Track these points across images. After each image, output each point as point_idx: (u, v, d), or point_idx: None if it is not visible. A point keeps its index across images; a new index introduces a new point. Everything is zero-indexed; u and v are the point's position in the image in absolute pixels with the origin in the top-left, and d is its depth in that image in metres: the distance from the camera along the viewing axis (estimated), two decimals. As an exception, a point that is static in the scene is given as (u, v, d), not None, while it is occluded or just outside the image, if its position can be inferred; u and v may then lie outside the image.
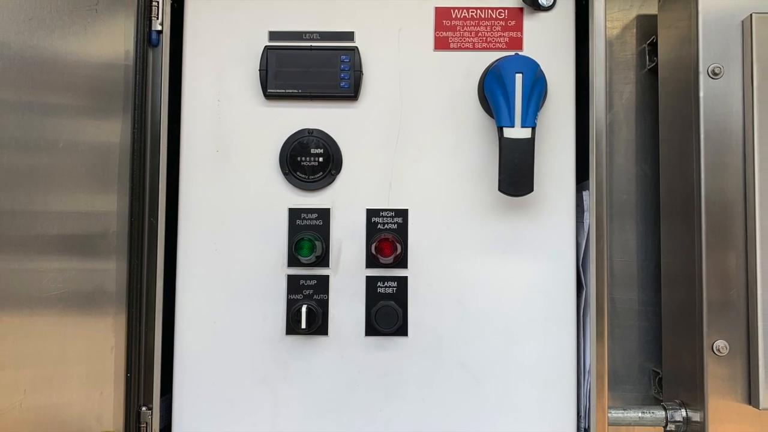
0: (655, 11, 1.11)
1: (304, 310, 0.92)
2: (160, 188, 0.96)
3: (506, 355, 0.95)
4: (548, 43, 0.96)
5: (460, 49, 0.97)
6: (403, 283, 0.95)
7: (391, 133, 0.96)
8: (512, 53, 0.93)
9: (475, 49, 0.96)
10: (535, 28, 0.97)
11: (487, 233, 0.96)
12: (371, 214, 0.96)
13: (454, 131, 0.96)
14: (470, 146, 0.96)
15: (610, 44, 1.16)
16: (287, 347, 0.95)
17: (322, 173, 0.95)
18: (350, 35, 0.96)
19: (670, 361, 1.06)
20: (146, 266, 0.96)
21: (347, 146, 0.96)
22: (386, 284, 0.95)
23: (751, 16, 0.92)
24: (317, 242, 0.94)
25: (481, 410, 0.95)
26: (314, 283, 0.95)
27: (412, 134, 0.96)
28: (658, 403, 1.06)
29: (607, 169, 0.94)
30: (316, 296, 0.95)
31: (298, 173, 0.95)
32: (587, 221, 0.95)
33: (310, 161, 0.95)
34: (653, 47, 1.13)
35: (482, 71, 0.95)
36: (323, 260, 0.95)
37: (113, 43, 0.93)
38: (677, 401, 1.01)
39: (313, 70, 0.95)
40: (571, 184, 0.96)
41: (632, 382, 1.14)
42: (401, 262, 0.95)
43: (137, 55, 0.96)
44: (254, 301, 0.95)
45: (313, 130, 0.96)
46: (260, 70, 0.95)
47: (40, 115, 0.82)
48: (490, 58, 0.95)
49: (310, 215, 0.96)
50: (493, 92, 0.90)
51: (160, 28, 0.97)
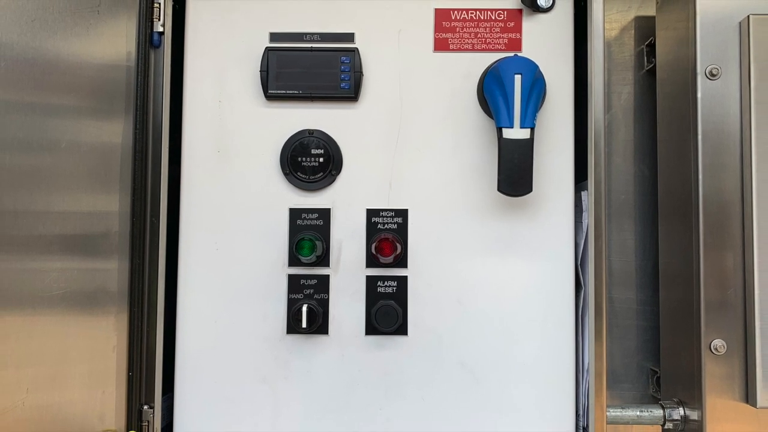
0: (653, 13, 1.12)
1: (304, 309, 0.93)
2: (161, 188, 0.96)
3: (505, 354, 0.95)
4: (547, 44, 0.97)
5: (459, 50, 0.97)
6: (403, 282, 0.96)
7: (391, 133, 0.97)
8: (511, 54, 0.93)
9: (474, 50, 0.97)
10: (534, 29, 0.97)
11: (486, 233, 0.96)
12: (371, 214, 0.96)
13: (453, 132, 0.96)
14: (470, 147, 0.96)
15: (608, 45, 1.16)
16: (288, 346, 0.96)
17: (322, 173, 0.96)
18: (350, 36, 0.97)
19: (668, 360, 1.07)
20: (148, 266, 0.96)
21: (347, 147, 0.96)
22: (386, 284, 0.95)
23: (748, 17, 0.92)
24: (318, 242, 0.94)
25: (480, 409, 0.95)
26: (315, 282, 0.95)
27: (412, 135, 0.97)
28: (656, 401, 1.06)
29: (605, 169, 0.94)
30: (316, 296, 0.95)
31: (298, 173, 0.96)
32: (586, 221, 0.96)
33: (310, 161, 0.96)
34: (651, 48, 1.13)
35: (481, 72, 0.95)
36: (324, 260, 0.95)
37: (115, 44, 0.93)
38: (675, 400, 1.01)
39: (313, 71, 0.95)
40: (569, 184, 0.96)
41: (630, 381, 1.14)
42: (401, 261, 0.95)
43: (139, 56, 0.96)
44: (255, 300, 0.96)
45: (313, 130, 0.96)
46: (261, 71, 0.95)
47: (42, 115, 0.82)
48: (489, 59, 0.95)
49: (310, 215, 0.96)
50: (492, 93, 0.90)
51: (161, 29, 0.97)
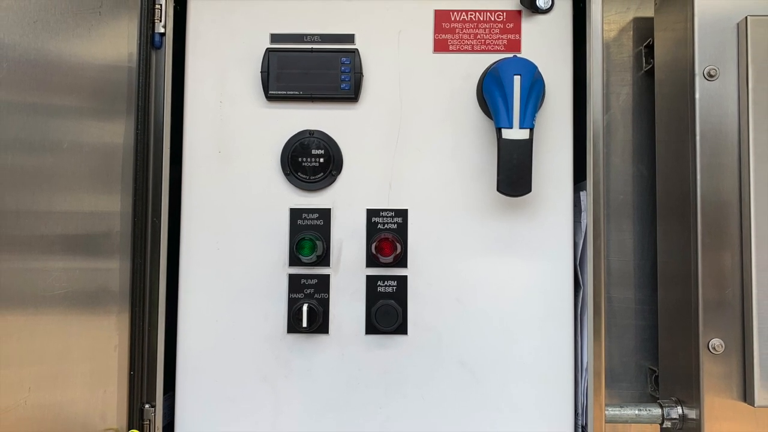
0: (651, 14, 1.12)
1: (305, 308, 0.93)
2: (163, 189, 0.96)
3: (505, 353, 0.95)
4: (546, 45, 0.97)
5: (459, 51, 0.97)
6: (402, 282, 0.96)
7: (391, 134, 0.97)
8: (510, 55, 0.93)
9: (473, 51, 0.97)
10: (533, 30, 0.97)
11: (485, 233, 0.96)
12: (371, 214, 0.96)
13: (453, 132, 0.97)
14: (469, 147, 0.97)
15: (607, 46, 1.16)
16: (288, 346, 0.96)
17: (322, 174, 0.96)
18: (351, 38, 0.97)
19: (666, 359, 1.07)
20: (149, 266, 0.96)
21: (348, 147, 0.97)
22: (386, 283, 0.96)
23: (746, 18, 0.93)
24: (318, 242, 0.94)
25: (479, 408, 0.95)
26: (315, 282, 0.96)
27: (411, 135, 0.97)
28: (654, 400, 1.06)
29: (604, 169, 0.94)
30: (317, 295, 0.96)
31: (299, 174, 0.96)
32: (584, 221, 0.96)
33: (311, 162, 0.96)
34: (650, 49, 1.13)
35: (481, 73, 0.95)
36: (324, 260, 0.96)
37: (117, 45, 0.93)
38: (673, 399, 1.02)
39: (314, 71, 0.96)
40: (568, 184, 0.96)
41: (629, 379, 1.15)
42: (401, 261, 0.95)
43: (140, 57, 0.95)
44: (256, 300, 0.96)
45: (314, 131, 0.97)
46: (262, 72, 0.96)
47: (44, 116, 0.81)
48: (488, 60, 0.95)
49: (311, 215, 0.96)
50: (491, 94, 0.90)
51: (163, 30, 0.97)
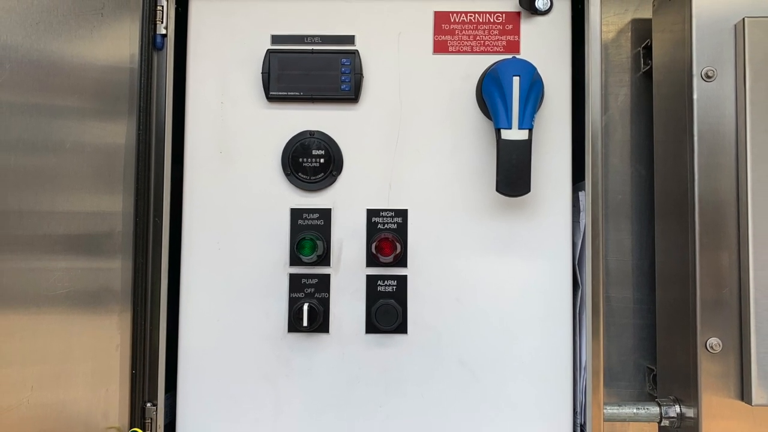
0: (649, 15, 1.12)
1: (305, 308, 0.93)
2: (164, 189, 0.96)
3: (504, 352, 0.96)
4: (545, 46, 0.97)
5: (458, 52, 0.97)
6: (402, 281, 0.96)
7: (391, 134, 0.97)
8: (510, 56, 0.94)
9: (473, 52, 0.97)
10: (532, 31, 0.97)
11: (485, 233, 0.96)
12: (371, 214, 0.97)
13: (452, 133, 0.97)
14: (468, 147, 0.97)
15: (605, 48, 1.16)
16: (289, 345, 0.96)
17: (323, 174, 0.96)
18: (351, 39, 0.97)
19: (664, 358, 1.07)
20: (151, 265, 0.96)
21: (348, 148, 0.97)
22: (386, 283, 0.96)
23: (743, 20, 0.93)
24: (318, 242, 0.94)
25: (479, 406, 0.95)
26: (316, 281, 0.96)
27: (411, 136, 0.97)
28: (652, 399, 1.06)
29: (602, 169, 0.95)
30: (317, 295, 0.96)
31: (299, 174, 0.96)
32: (583, 221, 0.96)
33: (311, 162, 0.96)
34: (648, 51, 1.13)
35: (480, 74, 0.96)
36: (324, 259, 0.96)
37: (119, 46, 0.93)
38: (671, 397, 1.02)
39: (314, 73, 0.96)
40: (567, 184, 0.97)
41: (627, 378, 1.15)
42: (401, 261, 0.96)
43: (142, 58, 0.96)
44: (257, 299, 0.96)
45: (314, 131, 0.97)
46: (263, 73, 0.96)
47: (47, 117, 0.82)
48: (488, 61, 0.96)
49: (311, 215, 0.96)
50: (491, 95, 0.90)
51: (164, 32, 0.98)
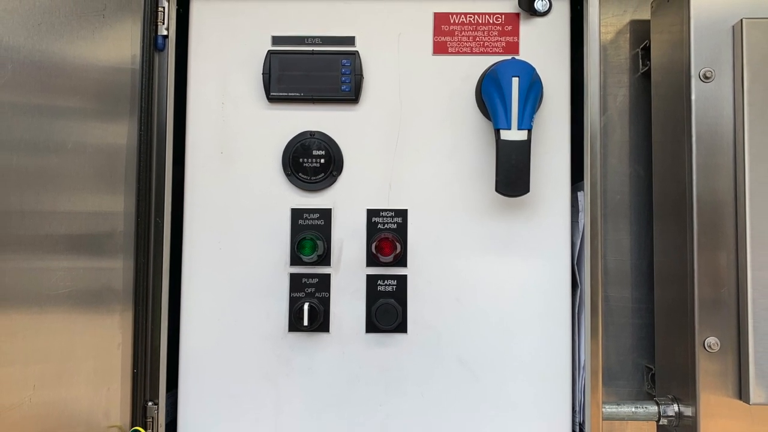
0: (648, 16, 1.12)
1: (306, 307, 0.93)
2: (165, 189, 0.97)
3: (503, 351, 0.96)
4: (544, 47, 0.97)
5: (458, 53, 0.98)
6: (402, 281, 0.96)
7: (391, 135, 0.97)
8: (509, 57, 0.94)
9: (472, 53, 0.98)
10: (531, 33, 0.97)
11: (484, 233, 0.96)
12: (371, 214, 0.97)
13: (452, 133, 0.97)
14: (468, 148, 0.97)
15: (604, 49, 1.17)
16: (290, 344, 0.96)
17: (323, 174, 0.97)
18: (351, 40, 0.97)
19: (662, 357, 1.07)
20: (152, 265, 0.96)
21: (348, 148, 0.97)
22: (386, 282, 0.96)
23: (741, 21, 0.93)
24: (319, 241, 0.94)
25: (478, 405, 0.96)
26: (316, 281, 0.96)
27: (411, 136, 0.97)
28: (650, 398, 1.06)
29: (601, 170, 0.95)
30: (317, 294, 0.96)
31: (300, 174, 0.96)
32: (582, 221, 0.96)
33: (312, 163, 0.96)
34: (646, 51, 1.13)
35: (480, 75, 0.96)
36: (325, 259, 0.96)
37: (120, 47, 0.93)
38: (670, 396, 1.02)
39: (314, 73, 0.96)
40: (566, 184, 0.97)
41: (626, 377, 1.15)
42: (401, 260, 0.96)
43: (143, 59, 0.96)
44: (257, 299, 0.96)
45: (314, 132, 0.97)
46: (263, 73, 0.96)
47: (49, 117, 0.82)
48: (487, 62, 0.96)
49: (312, 215, 0.97)
50: (490, 95, 0.91)
51: (165, 33, 0.98)
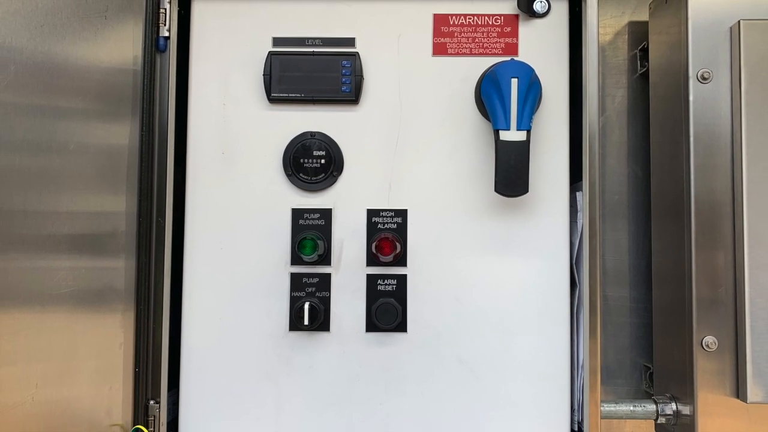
0: (646, 18, 1.13)
1: (306, 307, 0.94)
2: (167, 189, 0.97)
3: (502, 350, 0.96)
4: (543, 48, 0.97)
5: (457, 54, 0.98)
6: (402, 280, 0.97)
7: (390, 135, 0.98)
8: (508, 58, 0.94)
9: (472, 54, 0.98)
10: (530, 34, 0.98)
11: (483, 233, 0.97)
12: (371, 214, 0.97)
13: (451, 134, 0.97)
14: (467, 148, 0.97)
15: (602, 50, 1.17)
16: (290, 343, 0.97)
17: (324, 175, 0.97)
18: (351, 41, 0.98)
19: (660, 356, 1.07)
20: (154, 265, 0.97)
21: (348, 148, 0.97)
22: (386, 282, 0.96)
23: (739, 22, 0.93)
24: (319, 241, 0.95)
25: (477, 404, 0.96)
26: (316, 280, 0.97)
27: (411, 137, 0.98)
28: (649, 397, 1.07)
29: (599, 170, 0.95)
30: (318, 293, 0.96)
31: (300, 174, 0.97)
32: (580, 221, 0.97)
33: (312, 163, 0.97)
34: (644, 53, 1.14)
35: (479, 76, 0.96)
36: (325, 259, 0.96)
37: (122, 48, 0.94)
38: (668, 395, 1.02)
39: (315, 74, 0.96)
40: (564, 185, 0.97)
41: (624, 376, 1.15)
42: (401, 260, 0.96)
43: (145, 60, 0.96)
44: (258, 298, 0.97)
45: (315, 132, 0.98)
46: (264, 74, 0.96)
47: (51, 118, 0.82)
48: (486, 63, 0.96)
49: (312, 215, 0.97)
50: (489, 96, 0.91)
51: (167, 34, 0.98)
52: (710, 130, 0.95)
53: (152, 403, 0.97)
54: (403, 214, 0.97)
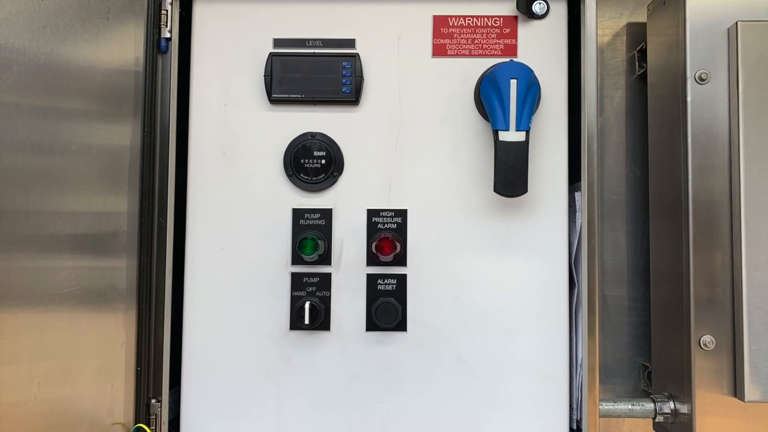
0: (644, 19, 1.13)
1: (307, 306, 0.94)
2: (169, 189, 0.97)
3: (502, 349, 0.96)
4: (542, 50, 0.98)
5: (457, 55, 0.98)
6: (402, 280, 0.97)
7: (390, 136, 0.98)
8: (507, 60, 0.95)
9: (471, 55, 0.98)
10: (529, 35, 0.98)
11: (483, 232, 0.97)
12: (372, 214, 0.98)
13: (451, 135, 0.98)
14: (467, 149, 0.98)
15: (601, 51, 1.17)
16: (291, 342, 0.97)
17: (324, 175, 0.97)
18: (351, 42, 0.98)
19: (658, 355, 1.08)
20: (156, 264, 0.97)
21: (349, 149, 0.98)
22: (386, 281, 0.97)
23: (736, 24, 0.93)
24: (320, 241, 0.95)
25: (477, 402, 0.96)
26: (317, 280, 0.97)
27: (411, 137, 0.98)
28: (647, 395, 1.07)
29: (598, 170, 0.95)
30: (318, 293, 0.97)
31: (301, 175, 0.97)
32: (579, 221, 0.97)
33: (313, 163, 0.97)
34: (642, 54, 1.14)
35: (478, 77, 0.97)
36: (326, 258, 0.97)
37: (124, 49, 0.94)
38: (666, 394, 1.03)
39: (315, 75, 0.97)
40: (563, 185, 0.97)
41: (622, 375, 1.15)
42: (401, 260, 0.96)
43: (147, 61, 0.96)
44: (259, 297, 0.97)
45: (315, 133, 0.98)
46: (265, 75, 0.97)
47: (53, 119, 0.83)
48: (485, 64, 0.96)
49: (313, 215, 0.97)
50: (488, 97, 0.91)
51: (169, 35, 0.98)
52: (708, 130, 0.95)
53: (154, 401, 0.97)
54: (403, 214, 0.98)
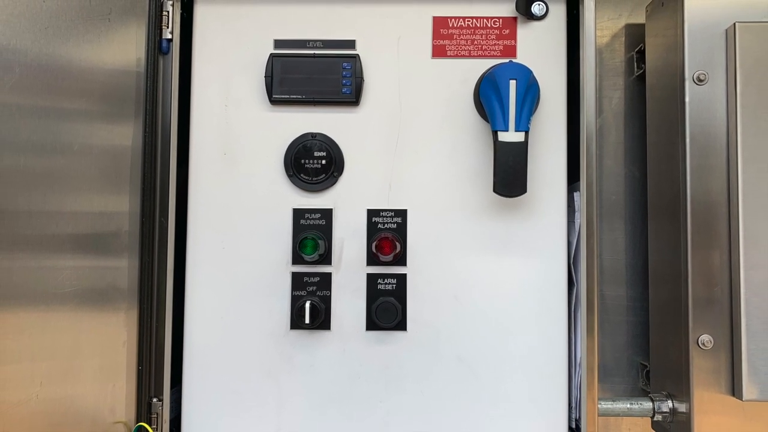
0: (642, 20, 1.13)
1: (307, 305, 0.94)
2: (170, 189, 0.97)
3: (501, 348, 0.97)
4: (541, 51, 0.98)
5: (456, 56, 0.99)
6: (402, 280, 0.97)
7: (390, 136, 0.98)
8: (506, 60, 0.95)
9: (471, 56, 0.98)
10: (528, 36, 0.98)
11: (482, 232, 0.97)
12: (372, 214, 0.98)
13: (451, 135, 0.98)
14: (466, 149, 0.98)
15: (599, 52, 1.18)
16: (292, 341, 0.97)
17: (324, 175, 0.97)
18: (352, 43, 0.98)
19: (657, 354, 1.08)
20: (157, 264, 0.97)
21: (349, 149, 0.98)
22: (386, 281, 0.97)
23: (734, 25, 0.94)
24: (320, 241, 0.95)
25: (477, 402, 0.96)
26: (317, 280, 0.97)
27: (411, 138, 0.98)
28: (645, 394, 1.07)
29: (597, 170, 0.95)
30: (319, 293, 0.97)
31: (301, 175, 0.97)
32: (578, 221, 0.97)
33: (313, 164, 0.97)
34: (641, 55, 1.14)
35: (478, 78, 0.97)
36: (326, 258, 0.97)
37: (125, 50, 0.94)
38: (664, 393, 1.03)
39: (316, 76, 0.97)
40: (562, 185, 0.98)
41: (621, 374, 1.16)
42: (400, 260, 0.97)
43: (148, 62, 0.96)
44: (260, 297, 0.97)
45: (316, 134, 0.98)
46: (266, 76, 0.97)
47: (55, 119, 0.82)
48: (485, 65, 0.97)
49: (313, 215, 0.98)
50: (488, 98, 0.91)
51: (170, 36, 0.99)
52: (706, 131, 0.96)
53: (155, 400, 0.97)
54: (402, 214, 0.98)
